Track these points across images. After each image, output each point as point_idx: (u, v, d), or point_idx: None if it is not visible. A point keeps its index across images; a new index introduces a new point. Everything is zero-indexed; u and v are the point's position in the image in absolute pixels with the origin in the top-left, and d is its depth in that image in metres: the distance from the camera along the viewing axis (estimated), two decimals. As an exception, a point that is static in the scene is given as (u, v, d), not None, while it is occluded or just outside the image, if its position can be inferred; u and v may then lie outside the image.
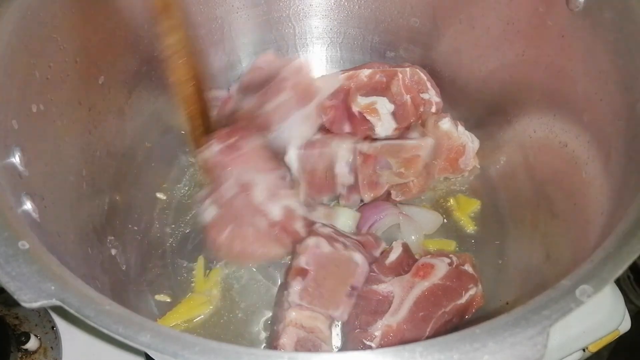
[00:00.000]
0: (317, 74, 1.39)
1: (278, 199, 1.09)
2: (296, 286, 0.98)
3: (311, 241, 1.02)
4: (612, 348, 1.55)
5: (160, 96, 1.20)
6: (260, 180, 1.09)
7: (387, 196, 1.18)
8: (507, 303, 1.04)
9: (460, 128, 1.21)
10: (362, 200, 1.19)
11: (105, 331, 0.58)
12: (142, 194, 1.20)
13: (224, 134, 1.13)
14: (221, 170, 1.10)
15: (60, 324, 1.03)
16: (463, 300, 1.00)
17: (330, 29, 1.35)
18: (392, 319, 0.97)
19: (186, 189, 1.26)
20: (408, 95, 1.23)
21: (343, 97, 1.25)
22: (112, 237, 1.05)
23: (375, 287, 1.01)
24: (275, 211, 1.08)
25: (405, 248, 1.08)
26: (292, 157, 1.15)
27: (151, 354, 0.72)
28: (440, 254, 1.07)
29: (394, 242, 1.09)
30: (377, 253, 1.08)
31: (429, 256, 1.06)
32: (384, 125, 1.23)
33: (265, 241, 1.08)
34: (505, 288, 1.08)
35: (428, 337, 0.78)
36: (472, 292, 1.01)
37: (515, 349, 0.55)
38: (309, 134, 1.18)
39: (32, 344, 1.00)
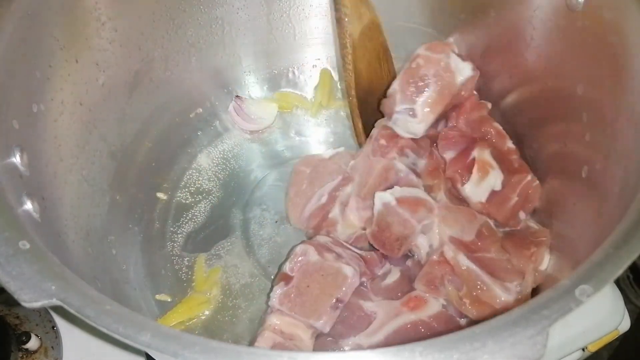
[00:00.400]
0: (317, 74, 1.41)
1: (341, 216, 1.12)
2: (277, 290, 0.96)
3: (299, 248, 0.99)
4: (615, 347, 1.56)
5: (160, 96, 1.20)
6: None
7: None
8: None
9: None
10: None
11: (106, 331, 0.58)
12: (142, 193, 1.20)
13: None
14: None
15: (61, 323, 1.03)
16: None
17: (330, 29, 1.35)
18: (364, 340, 0.94)
19: (186, 188, 1.26)
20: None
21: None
22: (113, 237, 1.05)
23: (361, 302, 0.99)
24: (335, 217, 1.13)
25: (404, 275, 1.04)
26: (380, 200, 1.04)
27: (151, 353, 0.72)
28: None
29: (392, 267, 1.06)
30: (378, 272, 1.05)
31: (424, 290, 1.00)
32: (477, 192, 1.07)
33: (295, 209, 1.17)
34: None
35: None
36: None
37: (515, 349, 0.55)
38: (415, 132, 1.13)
39: (32, 343, 1.00)
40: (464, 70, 1.11)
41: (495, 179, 1.07)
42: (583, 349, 1.07)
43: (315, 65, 1.41)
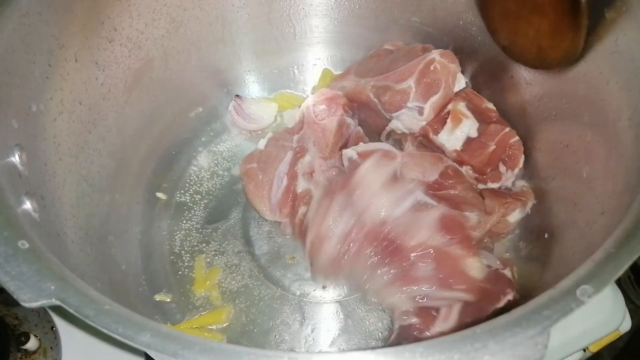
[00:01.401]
0: (318, 74, 1.41)
1: (309, 181, 1.15)
2: None
3: None
4: (619, 349, 1.56)
5: (160, 95, 1.20)
6: (311, 154, 1.18)
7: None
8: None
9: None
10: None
11: (105, 331, 0.58)
12: (141, 193, 1.20)
13: (322, 97, 1.21)
14: (300, 123, 1.22)
15: (60, 324, 1.03)
16: (501, 304, 0.98)
17: (331, 29, 1.35)
18: (444, 325, 0.96)
19: (186, 188, 1.26)
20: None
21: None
22: (112, 237, 1.05)
23: None
24: (301, 186, 1.15)
25: None
26: (345, 155, 1.13)
27: (151, 353, 0.72)
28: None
29: None
30: None
31: None
32: (451, 140, 1.15)
33: (258, 194, 1.17)
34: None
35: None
36: (509, 297, 0.99)
37: (516, 349, 0.55)
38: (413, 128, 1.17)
39: (31, 344, 1.00)
40: (461, 81, 1.15)
41: (469, 127, 1.14)
42: (584, 350, 1.06)
43: (315, 64, 1.41)
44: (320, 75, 1.40)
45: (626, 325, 1.08)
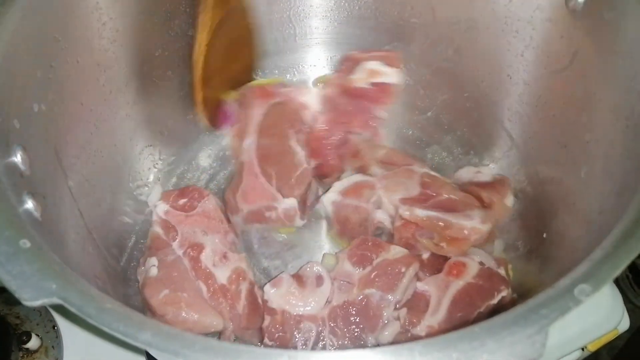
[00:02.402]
0: (318, 74, 1.41)
1: (228, 262, 1.05)
2: None
3: None
4: (618, 348, 1.56)
5: (161, 96, 1.20)
6: (210, 242, 1.07)
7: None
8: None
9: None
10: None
11: (106, 330, 0.58)
12: (142, 193, 1.20)
13: (175, 195, 1.13)
14: (169, 230, 1.08)
15: (62, 323, 1.03)
16: (495, 301, 0.99)
17: (331, 30, 1.35)
18: (433, 320, 0.97)
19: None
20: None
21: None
22: (114, 236, 1.05)
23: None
24: (223, 274, 1.03)
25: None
26: (328, 201, 1.13)
27: (152, 352, 0.73)
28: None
29: None
30: None
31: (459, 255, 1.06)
32: None
33: (200, 308, 0.98)
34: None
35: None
36: (503, 293, 1.00)
37: (514, 348, 0.55)
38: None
39: (33, 343, 1.00)
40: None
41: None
42: (582, 349, 1.07)
43: (315, 65, 1.41)
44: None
45: (624, 324, 1.08)
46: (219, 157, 1.31)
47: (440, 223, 1.05)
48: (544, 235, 1.04)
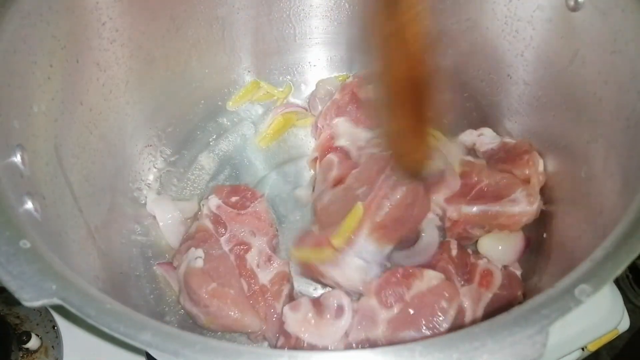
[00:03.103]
0: (318, 76, 1.41)
1: (272, 265, 1.05)
2: None
3: None
4: (618, 348, 1.56)
5: (161, 96, 1.20)
6: (257, 243, 1.07)
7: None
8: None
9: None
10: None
11: (106, 330, 0.58)
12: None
13: (227, 191, 1.13)
14: (219, 225, 1.08)
15: (62, 323, 1.03)
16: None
17: (331, 30, 1.35)
18: None
19: (187, 189, 1.26)
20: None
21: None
22: (114, 236, 1.05)
23: None
24: (266, 276, 1.04)
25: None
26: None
27: (152, 352, 0.73)
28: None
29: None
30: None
31: (485, 260, 1.05)
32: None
33: (243, 307, 0.98)
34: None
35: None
36: (520, 299, 1.00)
37: (514, 348, 0.55)
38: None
39: (33, 343, 1.00)
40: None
41: None
42: (582, 349, 1.07)
43: (315, 65, 1.41)
44: (249, 86, 1.38)
45: (624, 324, 1.08)
46: (220, 157, 1.30)
47: (490, 213, 1.05)
48: (544, 235, 1.04)
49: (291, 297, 1.04)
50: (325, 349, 0.93)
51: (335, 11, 1.32)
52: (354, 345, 0.93)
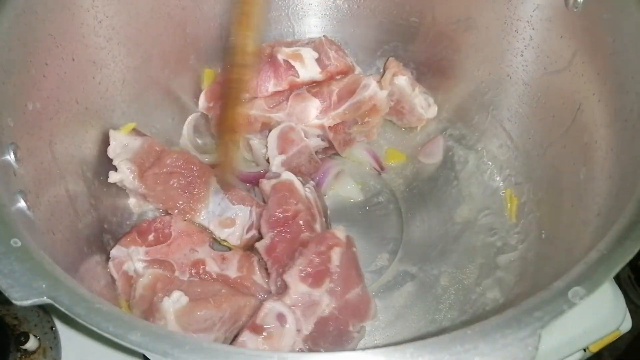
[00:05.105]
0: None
1: (230, 260, 1.06)
2: None
3: None
4: (621, 349, 1.56)
5: (157, 95, 1.20)
6: (204, 255, 1.06)
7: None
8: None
9: (418, 90, 1.26)
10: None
11: (96, 329, 0.58)
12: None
13: (136, 236, 1.07)
14: (164, 267, 1.04)
15: (60, 324, 1.03)
16: None
17: (329, 29, 1.34)
18: None
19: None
20: (332, 48, 1.23)
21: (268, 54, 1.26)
22: (109, 236, 1.05)
23: None
24: (232, 271, 1.05)
25: None
26: (278, 164, 1.16)
27: (142, 352, 0.72)
28: None
29: None
30: None
31: None
32: (308, 70, 1.21)
33: (234, 296, 1.00)
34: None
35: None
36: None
37: (506, 350, 0.55)
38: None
39: (31, 344, 1.00)
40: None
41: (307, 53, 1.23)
42: (584, 350, 1.06)
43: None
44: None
45: (626, 325, 1.07)
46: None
47: (354, 106, 1.19)
48: (542, 236, 1.04)
49: (261, 263, 1.06)
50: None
51: (334, 10, 1.32)
52: (313, 333, 0.94)
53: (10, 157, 0.76)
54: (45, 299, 0.60)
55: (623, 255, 0.62)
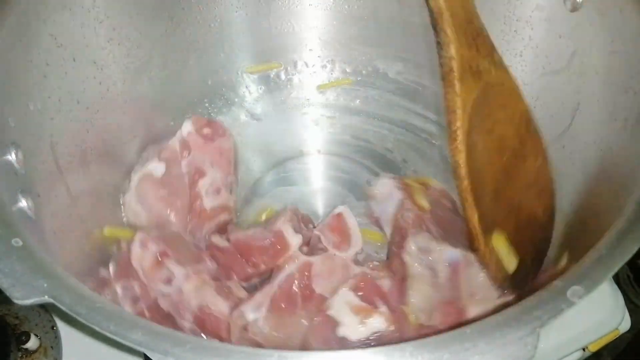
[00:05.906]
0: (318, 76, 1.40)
1: (219, 197, 1.11)
2: None
3: None
4: (620, 349, 1.56)
5: (158, 95, 1.20)
6: (212, 174, 1.13)
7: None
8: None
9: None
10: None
11: (97, 328, 0.58)
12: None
13: (202, 123, 1.17)
14: (184, 149, 1.14)
15: (61, 323, 1.03)
16: None
17: (330, 29, 1.34)
18: None
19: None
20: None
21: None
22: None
23: None
24: (210, 203, 1.10)
25: None
26: None
27: (143, 351, 0.72)
28: None
29: None
30: None
31: None
32: None
33: (180, 216, 1.08)
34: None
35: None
36: None
37: (505, 349, 0.55)
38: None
39: (32, 343, 1.00)
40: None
41: None
42: (583, 349, 1.06)
43: (314, 64, 1.40)
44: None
45: (625, 324, 1.08)
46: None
47: None
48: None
49: (223, 229, 1.07)
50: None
51: (334, 10, 1.31)
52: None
53: (12, 157, 0.77)
54: (46, 298, 0.60)
55: (622, 254, 0.62)
